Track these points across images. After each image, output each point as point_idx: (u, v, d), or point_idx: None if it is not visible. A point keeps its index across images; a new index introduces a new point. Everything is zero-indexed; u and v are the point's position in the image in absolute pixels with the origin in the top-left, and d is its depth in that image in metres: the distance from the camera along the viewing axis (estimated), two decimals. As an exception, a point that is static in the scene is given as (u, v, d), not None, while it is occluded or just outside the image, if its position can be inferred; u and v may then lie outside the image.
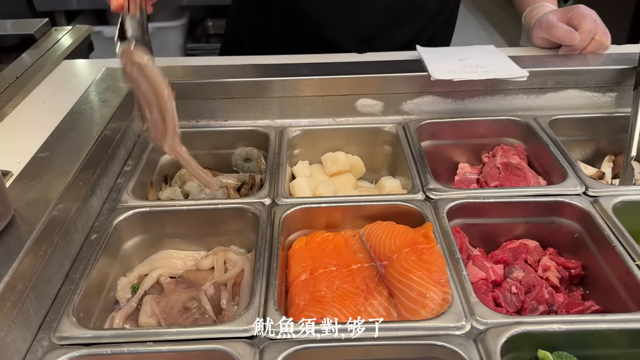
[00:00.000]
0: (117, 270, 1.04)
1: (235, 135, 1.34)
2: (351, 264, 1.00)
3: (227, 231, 1.10)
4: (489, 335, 0.78)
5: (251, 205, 1.07)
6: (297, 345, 0.79)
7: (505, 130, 1.35)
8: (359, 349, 0.79)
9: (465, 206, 1.08)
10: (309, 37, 1.62)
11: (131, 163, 1.22)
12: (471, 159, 1.39)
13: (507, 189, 1.13)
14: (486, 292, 0.93)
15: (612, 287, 0.96)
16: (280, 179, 1.15)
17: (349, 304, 0.91)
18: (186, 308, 0.96)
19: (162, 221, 1.08)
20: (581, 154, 1.38)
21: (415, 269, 0.90)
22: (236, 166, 1.34)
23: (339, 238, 1.07)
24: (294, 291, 0.96)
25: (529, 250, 1.05)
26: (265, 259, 0.95)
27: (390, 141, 1.35)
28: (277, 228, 1.02)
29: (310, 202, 1.09)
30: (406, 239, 0.97)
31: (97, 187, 1.08)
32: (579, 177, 1.12)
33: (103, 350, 0.79)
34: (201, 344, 0.80)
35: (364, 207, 1.09)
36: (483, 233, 1.11)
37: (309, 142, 1.35)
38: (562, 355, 0.78)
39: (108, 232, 1.01)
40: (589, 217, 1.03)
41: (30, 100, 1.32)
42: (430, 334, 0.80)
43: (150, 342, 0.80)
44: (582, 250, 1.06)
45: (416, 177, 1.15)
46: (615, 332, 0.81)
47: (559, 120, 1.33)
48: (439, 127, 1.36)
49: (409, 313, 0.86)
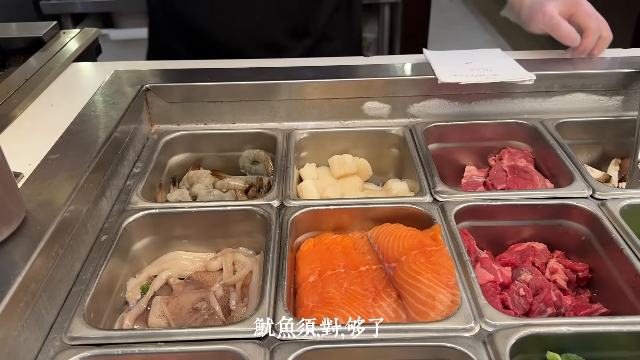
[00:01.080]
0: (126, 272, 1.04)
1: (242, 137, 1.35)
2: (359, 265, 1.00)
3: (236, 233, 1.11)
4: (497, 337, 0.79)
5: (260, 207, 1.07)
6: (307, 346, 0.79)
7: (512, 133, 1.36)
8: (368, 350, 0.80)
9: (473, 209, 1.08)
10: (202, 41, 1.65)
11: (140, 165, 1.23)
12: (478, 162, 1.39)
13: (514, 192, 1.13)
14: (494, 294, 0.93)
15: (620, 289, 0.96)
16: (288, 181, 1.16)
17: (357, 305, 0.91)
18: (195, 309, 0.96)
19: (171, 223, 1.09)
20: (588, 157, 1.39)
21: (424, 271, 0.90)
22: (243, 168, 1.35)
23: (347, 240, 1.07)
24: (302, 292, 0.97)
25: (537, 252, 1.05)
26: (275, 261, 0.95)
27: (397, 144, 1.35)
28: (286, 230, 1.03)
29: (318, 204, 1.10)
30: (414, 241, 0.97)
31: (107, 189, 1.09)
32: (586, 180, 1.12)
33: (114, 350, 0.80)
34: (211, 344, 0.80)
35: (371, 209, 1.09)
36: (491, 235, 1.11)
37: (316, 144, 1.36)
38: (571, 357, 0.79)
39: (118, 233, 1.02)
40: (597, 220, 1.04)
41: (40, 103, 1.33)
42: (440, 336, 0.80)
43: (161, 343, 0.80)
44: (590, 253, 1.06)
45: (423, 180, 1.15)
46: (623, 334, 0.81)
47: (565, 123, 1.34)
48: (446, 130, 1.36)
49: (418, 315, 0.87)
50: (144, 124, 1.33)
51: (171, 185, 1.31)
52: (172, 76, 1.39)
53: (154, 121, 1.38)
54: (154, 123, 1.38)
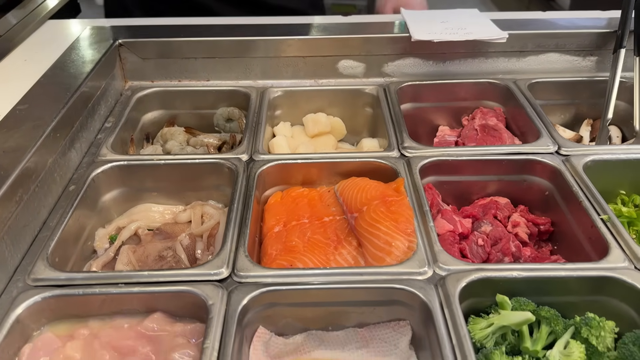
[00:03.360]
0: (95, 222, 1.06)
1: (217, 95, 1.35)
2: (323, 216, 1.02)
3: (205, 186, 1.12)
4: (449, 280, 0.81)
5: (228, 161, 1.08)
6: (263, 287, 0.81)
7: (485, 93, 1.36)
8: (323, 292, 0.82)
9: (439, 164, 1.09)
10: None
11: (112, 120, 1.24)
12: (452, 122, 1.40)
13: (480, 147, 1.14)
14: (452, 243, 0.95)
15: (578, 241, 0.98)
16: (259, 136, 1.17)
17: (318, 253, 0.93)
18: (161, 257, 0.98)
19: (141, 175, 1.10)
20: (560, 118, 1.39)
21: (383, 220, 0.92)
22: (218, 126, 1.35)
23: (313, 193, 1.09)
24: (267, 242, 0.99)
25: (499, 206, 1.07)
26: (239, 211, 0.97)
27: (371, 103, 1.36)
28: (253, 182, 1.04)
29: (286, 159, 1.11)
30: (377, 192, 0.99)
31: (76, 141, 1.09)
32: (552, 137, 1.13)
33: (75, 291, 0.82)
34: (171, 286, 0.82)
35: (339, 163, 1.10)
36: (456, 191, 1.13)
37: (291, 103, 1.36)
38: (521, 300, 0.81)
39: (86, 183, 1.03)
40: (560, 175, 1.05)
41: (13, 58, 1.32)
42: (393, 279, 0.82)
43: (122, 285, 0.82)
44: (553, 208, 1.08)
45: (392, 136, 1.16)
46: (574, 279, 0.83)
47: (538, 83, 1.34)
48: (420, 89, 1.37)
49: (375, 260, 0.89)
50: (117, 80, 1.33)
51: (145, 141, 1.31)
52: (146, 32, 1.39)
53: (128, 77, 1.37)
54: (127, 79, 1.38)
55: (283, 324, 0.85)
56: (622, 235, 0.89)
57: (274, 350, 0.83)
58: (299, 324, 0.85)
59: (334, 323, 0.85)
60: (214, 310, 0.77)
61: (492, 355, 0.73)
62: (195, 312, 0.81)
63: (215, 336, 0.74)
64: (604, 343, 0.76)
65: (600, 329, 0.76)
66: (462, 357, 0.71)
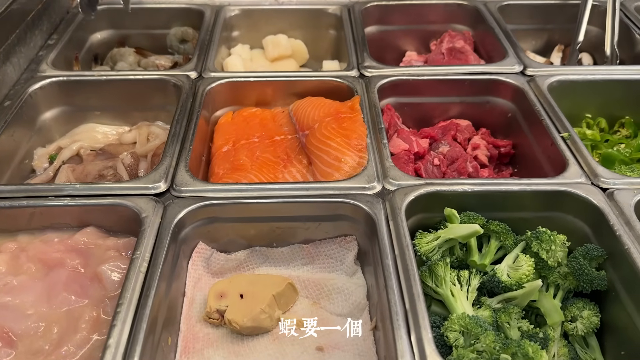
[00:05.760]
0: (34, 141, 1.00)
1: (169, 13, 1.27)
2: (274, 135, 0.97)
3: (152, 106, 1.06)
4: (397, 194, 0.77)
5: (174, 77, 1.02)
6: (201, 201, 0.77)
7: (454, 16, 1.30)
8: (265, 206, 0.78)
9: (398, 83, 1.04)
10: None
11: (55, 37, 1.16)
12: (419, 48, 1.34)
13: (442, 67, 1.09)
14: (407, 162, 0.91)
15: (538, 162, 0.95)
16: (210, 54, 1.10)
17: (267, 171, 0.89)
18: (102, 175, 0.93)
19: (83, 93, 1.03)
20: (532, 44, 1.34)
21: (334, 136, 0.88)
22: (171, 47, 1.28)
23: (266, 113, 1.03)
24: (215, 161, 0.94)
25: (460, 128, 1.03)
26: (183, 127, 0.91)
27: (334, 24, 1.29)
28: (201, 99, 0.98)
29: (239, 77, 1.05)
30: (330, 109, 0.94)
31: (12, 55, 1.02)
32: (519, 57, 1.08)
33: (2, 203, 0.77)
34: (103, 199, 0.77)
35: (295, 82, 1.05)
36: (417, 113, 1.08)
37: (250, 23, 1.29)
38: (470, 214, 0.77)
39: (22, 99, 0.97)
40: (523, 95, 1.01)
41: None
42: (340, 194, 0.78)
43: (52, 197, 0.77)
44: (515, 131, 1.04)
45: (353, 56, 1.10)
46: (528, 193, 0.80)
47: (509, 5, 1.28)
48: (386, 10, 1.29)
49: (324, 176, 0.85)
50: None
51: (93, 62, 1.24)
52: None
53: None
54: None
55: (225, 241, 0.81)
56: (582, 152, 0.86)
57: (215, 266, 0.79)
58: (242, 240, 0.82)
59: (278, 240, 0.82)
60: (147, 223, 0.73)
61: (435, 266, 0.70)
62: (130, 226, 0.77)
63: (146, 247, 0.70)
64: (554, 257, 0.74)
65: (551, 242, 0.74)
66: (403, 268, 0.68)
